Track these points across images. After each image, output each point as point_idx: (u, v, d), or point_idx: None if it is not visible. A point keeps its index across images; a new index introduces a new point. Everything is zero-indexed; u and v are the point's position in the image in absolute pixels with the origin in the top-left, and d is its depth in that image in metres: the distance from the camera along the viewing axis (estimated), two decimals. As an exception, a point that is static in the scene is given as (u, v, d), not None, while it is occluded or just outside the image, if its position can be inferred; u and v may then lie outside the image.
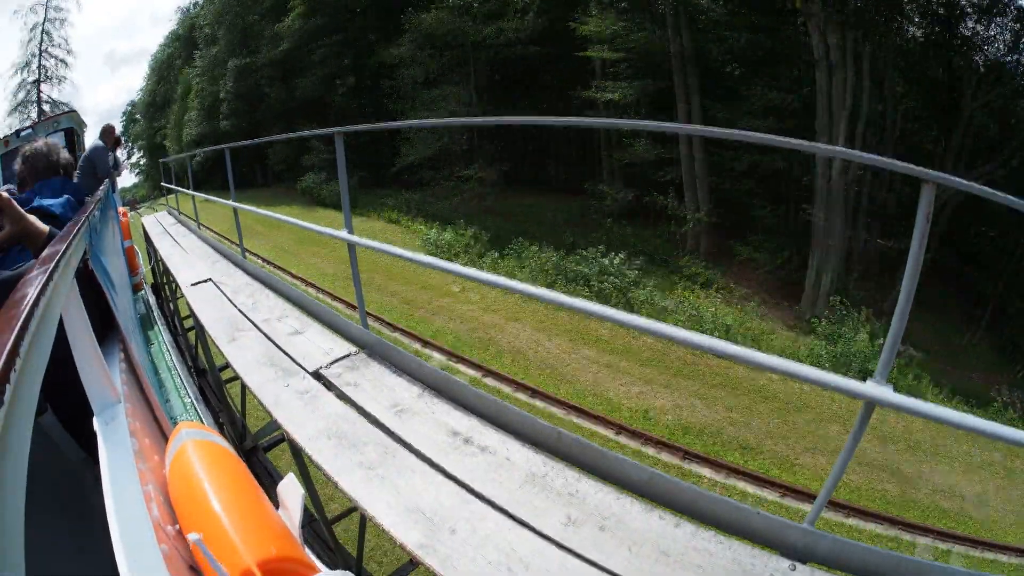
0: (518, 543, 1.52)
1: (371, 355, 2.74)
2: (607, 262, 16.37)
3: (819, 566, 1.46)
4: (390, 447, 1.99)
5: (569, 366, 12.24)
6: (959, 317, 16.07)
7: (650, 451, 9.38)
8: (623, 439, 9.64)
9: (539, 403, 10.70)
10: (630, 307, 14.89)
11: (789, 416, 10.60)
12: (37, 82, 33.20)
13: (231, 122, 35.71)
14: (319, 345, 2.91)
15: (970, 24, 15.89)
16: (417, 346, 13.14)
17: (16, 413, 0.65)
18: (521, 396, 10.94)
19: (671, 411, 10.53)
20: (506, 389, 11.16)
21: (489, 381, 11.45)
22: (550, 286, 15.97)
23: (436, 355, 12.78)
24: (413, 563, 1.54)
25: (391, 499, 1.70)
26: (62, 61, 34.88)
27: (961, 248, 16.97)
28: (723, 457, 9.25)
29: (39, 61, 33.40)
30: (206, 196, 6.88)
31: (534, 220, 21.80)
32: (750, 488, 8.75)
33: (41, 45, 33.31)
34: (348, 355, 2.75)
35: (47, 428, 1.71)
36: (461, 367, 12.05)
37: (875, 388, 1.33)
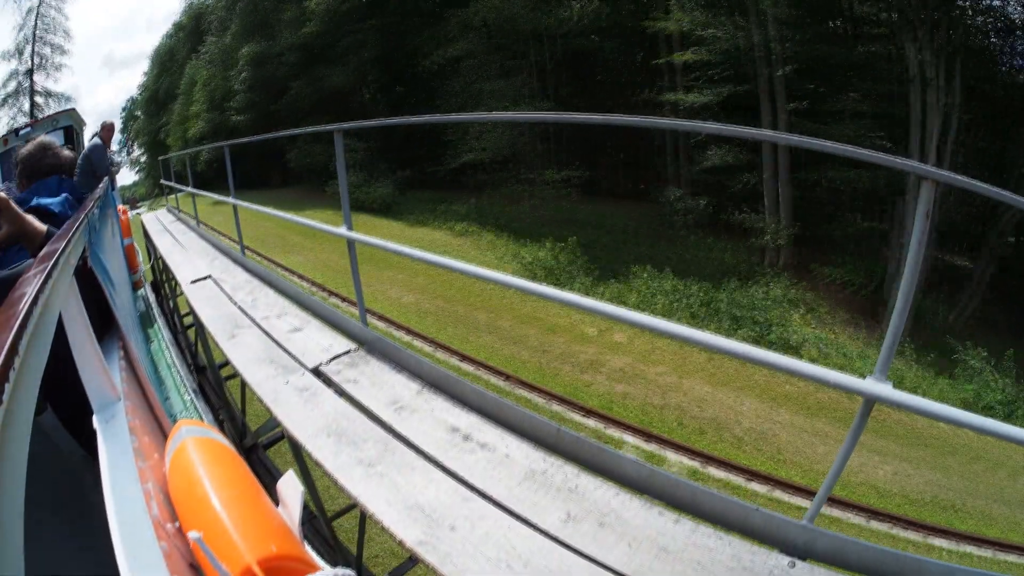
0: (518, 540, 1.52)
1: (370, 352, 2.74)
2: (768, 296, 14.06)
3: (818, 563, 1.46)
4: (390, 444, 1.99)
5: (782, 439, 10.13)
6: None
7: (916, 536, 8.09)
8: (875, 523, 8.29)
9: (799, 500, 8.50)
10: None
11: (973, 466, 10.00)
12: (30, 71, 29.69)
13: (245, 117, 32.13)
14: (319, 342, 2.91)
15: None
16: (596, 425, 10.07)
17: (15, 412, 0.65)
18: (783, 496, 8.64)
19: (893, 481, 9.39)
20: (760, 490, 8.81)
21: (713, 470, 9.13)
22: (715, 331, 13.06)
23: (630, 440, 9.75)
24: (413, 560, 1.54)
25: (391, 496, 1.70)
26: (58, 47, 30.98)
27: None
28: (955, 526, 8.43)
29: (32, 48, 29.78)
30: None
31: (603, 229, 19.32)
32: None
33: (35, 31, 29.78)
34: (347, 352, 2.75)
35: (46, 427, 1.71)
36: (670, 454, 9.44)
37: (875, 385, 1.33)
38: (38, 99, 29.97)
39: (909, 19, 14.64)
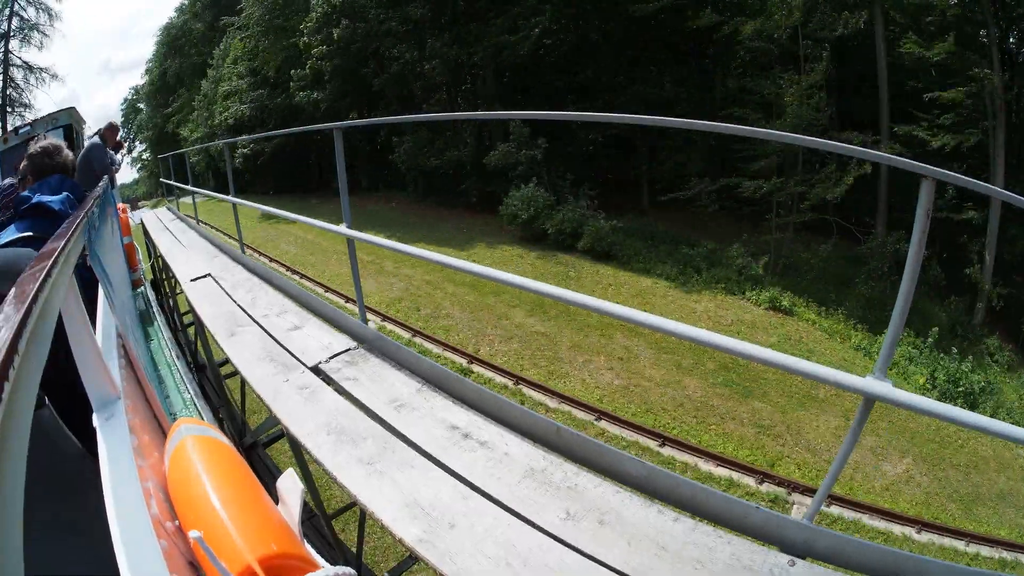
0: (517, 538, 1.52)
1: (370, 350, 2.74)
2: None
3: (818, 562, 1.46)
4: (389, 442, 1.99)
5: None
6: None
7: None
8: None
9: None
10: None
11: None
12: (5, 37, 23.38)
13: (330, 88, 23.04)
14: (318, 340, 2.91)
15: None
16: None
17: (15, 409, 0.65)
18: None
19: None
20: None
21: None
22: None
23: None
24: (412, 558, 1.55)
25: (390, 494, 1.71)
26: (44, 7, 24.35)
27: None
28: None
29: (11, 9, 23.51)
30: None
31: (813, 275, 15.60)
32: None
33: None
34: (347, 350, 2.75)
35: (46, 424, 1.71)
36: None
37: (875, 383, 1.33)
38: (15, 72, 24.20)
39: None
